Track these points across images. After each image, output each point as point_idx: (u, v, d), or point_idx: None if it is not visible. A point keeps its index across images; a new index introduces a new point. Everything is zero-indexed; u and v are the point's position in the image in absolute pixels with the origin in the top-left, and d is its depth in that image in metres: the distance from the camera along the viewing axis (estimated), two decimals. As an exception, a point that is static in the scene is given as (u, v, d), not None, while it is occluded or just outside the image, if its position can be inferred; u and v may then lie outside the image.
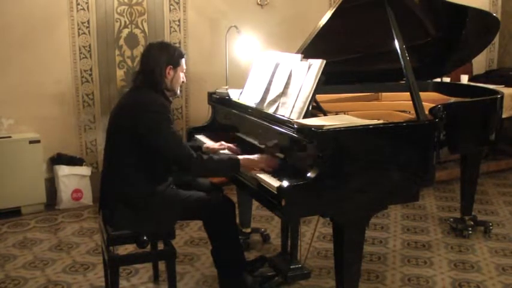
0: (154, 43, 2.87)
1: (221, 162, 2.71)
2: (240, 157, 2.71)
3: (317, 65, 2.66)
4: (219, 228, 2.81)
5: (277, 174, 2.54)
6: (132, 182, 2.64)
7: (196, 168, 2.66)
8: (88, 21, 4.54)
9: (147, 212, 2.64)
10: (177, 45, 2.99)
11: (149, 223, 2.65)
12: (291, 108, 2.68)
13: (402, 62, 2.78)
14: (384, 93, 3.79)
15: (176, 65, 2.76)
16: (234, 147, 3.04)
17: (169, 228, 2.70)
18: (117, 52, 4.71)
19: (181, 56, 2.80)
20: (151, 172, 2.67)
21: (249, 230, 3.73)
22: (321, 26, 3.00)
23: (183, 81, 2.85)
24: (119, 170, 2.68)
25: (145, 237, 2.62)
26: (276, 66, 2.97)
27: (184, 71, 2.84)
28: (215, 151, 3.04)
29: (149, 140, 2.62)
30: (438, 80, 4.39)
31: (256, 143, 2.93)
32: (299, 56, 2.83)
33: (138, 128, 2.61)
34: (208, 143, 3.20)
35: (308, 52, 2.93)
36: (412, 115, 3.00)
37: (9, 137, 4.32)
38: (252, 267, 3.08)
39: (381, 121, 2.66)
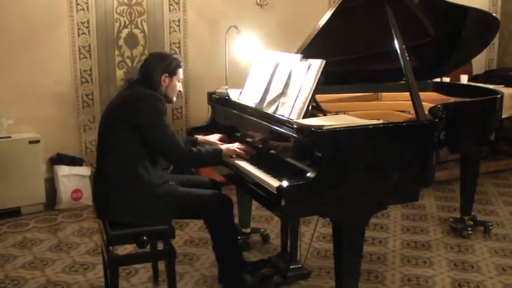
0: (154, 53, 3.01)
1: (208, 154, 2.85)
2: (222, 146, 2.93)
3: (317, 65, 2.66)
4: (216, 226, 2.85)
5: (276, 173, 2.55)
6: (127, 172, 2.66)
7: (185, 160, 2.83)
8: (88, 21, 4.54)
9: (143, 203, 2.66)
10: (176, 55, 3.09)
11: (146, 215, 2.66)
12: (290, 108, 2.68)
13: (402, 62, 2.78)
14: (383, 93, 3.80)
15: (172, 74, 2.84)
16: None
17: (167, 223, 2.71)
18: (116, 52, 4.71)
19: (179, 66, 2.88)
20: (144, 164, 2.68)
21: (248, 230, 3.72)
22: (321, 26, 3.00)
23: (179, 91, 2.92)
24: (114, 162, 2.69)
25: (145, 237, 2.62)
26: (276, 66, 2.97)
27: (181, 80, 2.93)
28: (210, 144, 3.11)
29: (143, 131, 2.66)
30: (438, 80, 4.39)
31: (256, 143, 2.94)
32: (299, 56, 2.83)
33: (132, 120, 2.65)
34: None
35: (308, 52, 2.93)
36: (411, 115, 3.00)
37: (9, 137, 4.31)
38: (254, 268, 3.09)
39: (380, 121, 2.66)
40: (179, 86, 2.90)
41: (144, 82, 2.79)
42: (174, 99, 2.93)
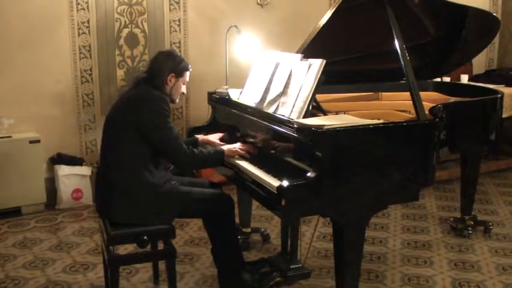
0: (163, 50, 3.00)
1: (209, 155, 2.85)
2: (224, 148, 2.90)
3: (317, 64, 2.66)
4: (217, 226, 2.85)
5: (276, 173, 2.55)
6: (130, 172, 2.66)
7: (188, 162, 2.80)
8: (88, 21, 4.54)
9: (146, 203, 2.66)
10: (183, 56, 3.08)
11: (148, 215, 2.67)
12: (291, 107, 2.69)
13: (402, 62, 2.78)
14: (384, 93, 3.80)
15: (179, 75, 2.84)
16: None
17: (169, 222, 2.71)
18: (117, 52, 4.71)
19: (186, 68, 2.89)
20: (147, 164, 2.68)
21: (249, 230, 3.73)
22: (321, 25, 3.00)
23: (183, 93, 2.92)
24: (118, 162, 2.69)
25: (145, 237, 2.62)
26: (276, 65, 2.97)
27: (186, 83, 2.92)
28: (211, 144, 3.11)
29: (146, 132, 2.66)
30: (438, 79, 4.40)
31: (256, 142, 2.94)
32: (299, 55, 2.83)
33: (137, 121, 2.65)
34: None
35: (308, 52, 2.93)
36: (412, 115, 3.00)
37: (10, 136, 4.31)
38: (254, 268, 3.09)
39: (381, 121, 2.66)
40: (183, 88, 2.90)
41: (150, 79, 2.78)
42: (177, 100, 2.92)
